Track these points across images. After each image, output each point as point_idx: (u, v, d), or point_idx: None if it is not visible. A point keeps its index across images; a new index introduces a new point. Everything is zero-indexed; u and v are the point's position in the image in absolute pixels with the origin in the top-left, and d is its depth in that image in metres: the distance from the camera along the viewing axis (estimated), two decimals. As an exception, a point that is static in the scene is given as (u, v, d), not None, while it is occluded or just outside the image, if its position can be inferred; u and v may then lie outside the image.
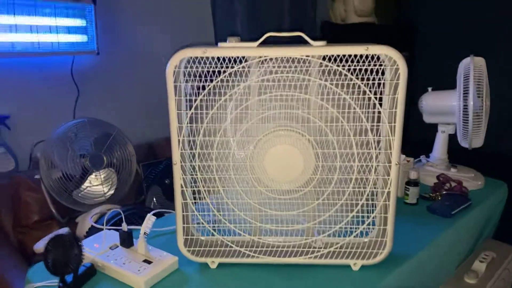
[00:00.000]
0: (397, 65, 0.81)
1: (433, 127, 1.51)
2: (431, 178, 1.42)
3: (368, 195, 0.89)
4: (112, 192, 1.47)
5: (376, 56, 0.83)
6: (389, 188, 0.88)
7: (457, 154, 1.55)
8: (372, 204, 0.90)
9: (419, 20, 3.07)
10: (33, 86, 1.71)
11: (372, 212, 0.90)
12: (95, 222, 1.16)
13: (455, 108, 1.39)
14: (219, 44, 0.85)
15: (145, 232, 0.93)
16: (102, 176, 1.45)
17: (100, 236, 1.00)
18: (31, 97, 1.71)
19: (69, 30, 1.64)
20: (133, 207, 1.20)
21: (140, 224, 0.96)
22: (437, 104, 1.45)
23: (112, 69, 1.94)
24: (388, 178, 0.87)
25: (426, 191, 1.36)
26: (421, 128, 1.55)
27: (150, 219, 0.94)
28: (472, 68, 1.33)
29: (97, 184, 1.44)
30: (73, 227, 1.38)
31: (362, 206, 0.89)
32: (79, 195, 1.42)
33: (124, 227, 0.95)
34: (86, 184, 1.43)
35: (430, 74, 1.69)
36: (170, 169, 0.88)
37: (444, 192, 1.32)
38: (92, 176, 1.45)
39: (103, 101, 1.91)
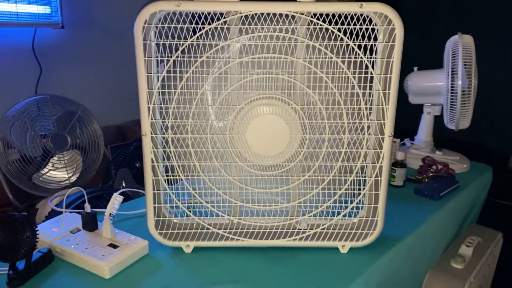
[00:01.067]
0: (393, 25, 0.74)
1: (416, 113, 1.46)
2: (416, 161, 1.37)
3: (358, 170, 0.81)
4: (77, 176, 1.34)
5: (369, 19, 0.75)
6: (381, 163, 0.80)
7: (439, 141, 1.50)
8: (362, 181, 0.82)
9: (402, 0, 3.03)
10: (-11, 60, 1.56)
11: (362, 190, 0.83)
12: (56, 206, 1.04)
13: (443, 88, 1.34)
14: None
15: (110, 214, 0.83)
16: (65, 159, 1.33)
17: (59, 219, 0.89)
18: (-14, 72, 1.56)
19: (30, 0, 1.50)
20: (99, 189, 1.09)
21: (106, 207, 0.85)
22: (423, 84, 1.39)
23: (78, 44, 1.79)
24: (381, 152, 0.80)
25: (412, 173, 1.30)
26: (403, 114, 1.50)
27: (116, 199, 0.84)
28: (460, 46, 1.28)
29: (61, 167, 1.32)
30: (33, 213, 1.26)
31: (351, 183, 0.81)
32: (40, 179, 1.29)
33: (87, 208, 0.85)
34: (48, 167, 1.30)
35: (414, 54, 1.64)
36: (141, 152, 0.78)
37: (430, 175, 1.27)
38: (55, 158, 1.32)
39: (68, 79, 1.77)
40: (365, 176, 0.82)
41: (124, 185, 1.30)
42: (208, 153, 0.80)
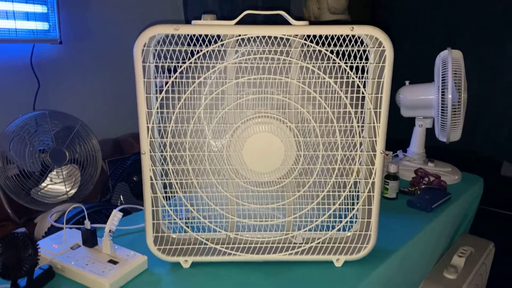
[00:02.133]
0: (383, 47, 0.77)
1: (408, 125, 1.49)
2: (409, 172, 1.40)
3: (351, 186, 0.84)
4: (75, 190, 1.36)
5: (360, 40, 0.78)
6: (373, 179, 0.83)
7: (432, 150, 1.54)
8: (355, 196, 0.85)
9: (393, 16, 3.09)
10: (-13, 76, 1.58)
11: (355, 205, 0.85)
12: (56, 221, 1.06)
13: (433, 101, 1.37)
14: (193, 22, 0.78)
15: (110, 230, 0.85)
16: (64, 173, 1.34)
17: (59, 235, 0.90)
18: (-15, 87, 1.58)
19: (28, 16, 1.52)
20: (98, 205, 1.10)
21: (105, 222, 0.87)
22: (415, 98, 1.43)
23: (76, 59, 1.81)
24: (373, 168, 0.83)
25: (405, 185, 1.33)
26: (396, 125, 1.54)
27: (116, 215, 0.85)
28: (450, 60, 1.31)
29: (59, 181, 1.33)
30: (31, 228, 1.27)
31: (344, 198, 0.84)
32: (39, 193, 1.31)
33: (87, 224, 0.86)
34: (47, 181, 1.32)
35: (405, 67, 1.68)
36: (138, 165, 0.80)
37: (423, 187, 1.29)
38: (53, 173, 1.33)
39: (66, 94, 1.79)
40: (358, 191, 0.85)
41: (122, 199, 1.31)
42: (205, 170, 0.82)
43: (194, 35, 0.76)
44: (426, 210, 1.16)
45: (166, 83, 0.78)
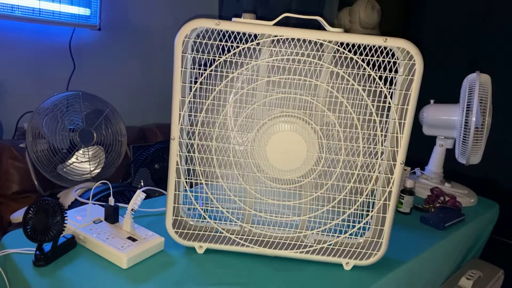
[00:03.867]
0: (414, 60, 0.79)
1: (428, 145, 1.50)
2: (425, 190, 1.41)
3: (368, 193, 0.86)
4: (98, 170, 1.41)
5: (392, 52, 0.80)
6: (391, 187, 0.85)
7: (450, 172, 1.54)
8: (371, 203, 0.87)
9: (423, 34, 3.09)
10: (28, 54, 1.65)
11: (370, 212, 0.87)
12: (80, 197, 1.11)
13: (457, 123, 1.38)
14: (233, 19, 0.82)
15: (132, 209, 0.89)
16: (90, 153, 1.39)
17: (84, 209, 0.95)
18: (25, 64, 1.65)
19: (72, 1, 1.59)
20: (121, 185, 1.15)
21: (126, 203, 0.91)
22: (438, 117, 1.44)
23: (112, 47, 1.88)
24: (391, 177, 0.85)
25: (419, 202, 1.34)
26: (416, 144, 1.55)
27: (139, 195, 0.89)
28: (477, 84, 1.32)
29: (84, 160, 1.38)
30: (54, 201, 1.32)
31: (360, 204, 0.86)
32: (64, 170, 1.36)
33: (111, 201, 0.91)
34: (73, 159, 1.37)
35: (431, 87, 1.69)
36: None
37: (437, 205, 1.30)
38: (80, 152, 1.39)
39: (98, 80, 1.86)
40: (374, 199, 0.87)
41: (142, 183, 1.36)
42: (229, 162, 0.85)
43: (233, 32, 0.79)
44: (438, 228, 1.17)
45: (202, 74, 0.81)
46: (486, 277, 1.28)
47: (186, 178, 0.87)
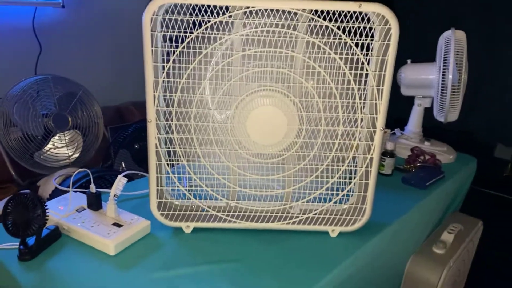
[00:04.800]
0: (389, 25, 0.78)
1: (407, 104, 1.51)
2: (405, 151, 1.43)
3: (350, 161, 0.86)
4: (77, 155, 1.38)
5: (367, 17, 0.79)
6: (372, 154, 0.85)
7: (429, 130, 1.56)
8: (353, 170, 0.88)
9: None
10: (-12, 38, 1.57)
11: (353, 179, 0.88)
12: (59, 185, 1.08)
13: (433, 82, 1.39)
14: (202, -7, 0.79)
15: (115, 194, 0.88)
16: (66, 138, 1.36)
17: (65, 198, 0.93)
18: (-14, 50, 1.57)
19: (31, -22, 1.50)
20: (101, 170, 1.13)
21: (108, 188, 0.90)
22: (416, 77, 1.44)
23: (79, 24, 1.80)
24: (372, 144, 0.85)
25: (401, 163, 1.36)
26: (395, 103, 1.55)
27: (121, 180, 0.88)
28: (453, 41, 1.32)
29: (61, 146, 1.35)
30: (34, 191, 1.30)
31: (343, 172, 0.87)
32: (41, 157, 1.33)
33: (92, 188, 0.89)
34: (49, 146, 1.34)
35: (408, 45, 1.67)
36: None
37: (418, 165, 1.33)
38: (56, 137, 1.35)
39: (67, 60, 1.78)
40: (356, 167, 0.88)
41: (123, 165, 1.34)
42: (209, 140, 0.84)
43: (203, 6, 0.76)
44: (420, 187, 1.19)
45: (174, 52, 0.79)
46: (467, 229, 1.33)
47: (167, 160, 0.85)
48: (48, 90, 1.32)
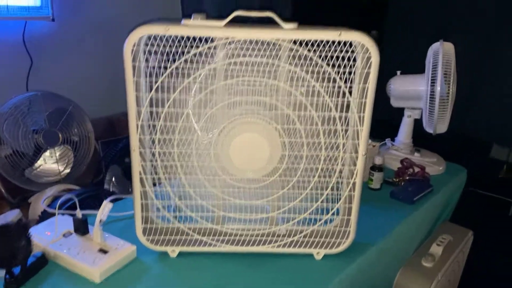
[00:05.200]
0: (369, 53, 0.78)
1: (401, 111, 1.51)
2: (395, 162, 1.43)
3: (333, 185, 0.87)
4: (68, 170, 1.39)
5: (349, 42, 0.79)
6: (355, 179, 0.86)
7: (421, 136, 1.56)
8: (337, 194, 0.88)
9: (389, 3, 3.03)
10: (-21, 53, 1.57)
11: (337, 202, 0.89)
12: (49, 205, 1.09)
13: (422, 93, 1.39)
14: (183, 21, 0.79)
15: (101, 220, 0.88)
16: (57, 154, 1.37)
17: (52, 222, 0.94)
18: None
19: (20, -7, 1.50)
20: (90, 190, 1.14)
21: (98, 207, 0.91)
22: (405, 89, 1.44)
23: (69, 37, 1.80)
24: (355, 169, 0.86)
25: (390, 175, 1.37)
26: (388, 109, 1.55)
27: (107, 206, 0.89)
28: (441, 53, 1.32)
29: (52, 162, 1.36)
30: (26, 208, 1.31)
31: (326, 196, 0.87)
32: (32, 173, 1.34)
33: (78, 213, 0.90)
34: (40, 162, 1.34)
35: (398, 55, 1.67)
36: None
37: (407, 178, 1.33)
38: (47, 153, 1.36)
39: (59, 72, 1.78)
40: (339, 190, 0.88)
41: (114, 180, 1.35)
42: (193, 167, 0.85)
43: (182, 38, 0.76)
44: (407, 202, 1.20)
45: (156, 82, 0.79)
46: (456, 241, 1.34)
47: (152, 186, 0.86)
48: (39, 106, 1.33)
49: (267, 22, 0.80)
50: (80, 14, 1.81)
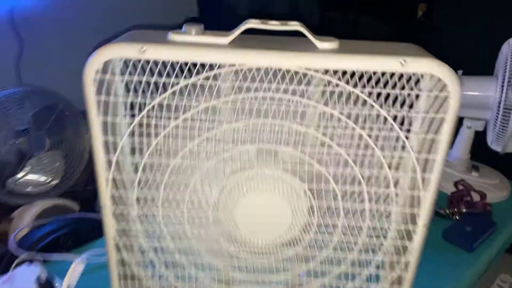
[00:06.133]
0: (448, 91, 0.51)
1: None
2: (448, 184, 1.17)
3: (378, 263, 0.63)
4: (57, 181, 1.20)
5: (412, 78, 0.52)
6: (408, 258, 0.62)
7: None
8: (382, 273, 0.65)
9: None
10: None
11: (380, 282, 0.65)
12: (22, 239, 0.91)
13: (492, 101, 1.10)
14: (170, 35, 0.54)
15: (68, 286, 0.69)
16: (44, 162, 1.17)
17: (14, 277, 0.75)
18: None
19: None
20: (73, 221, 0.94)
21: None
22: (468, 93, 1.15)
23: (66, 16, 1.56)
24: (409, 244, 0.61)
25: (442, 201, 1.11)
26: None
27: (76, 269, 0.69)
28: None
29: (39, 171, 1.17)
30: (6, 225, 1.13)
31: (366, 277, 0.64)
32: (16, 183, 1.15)
33: (42, 277, 0.70)
34: (25, 171, 1.16)
35: (457, 55, 1.36)
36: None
37: (463, 210, 1.07)
38: (32, 161, 1.17)
39: (54, 56, 1.55)
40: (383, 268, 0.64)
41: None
42: (185, 234, 0.62)
43: (169, 62, 0.52)
44: (465, 249, 0.95)
45: (131, 123, 0.56)
46: (518, 284, 1.10)
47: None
48: (21, 106, 1.12)
49: (290, 33, 0.54)
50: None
